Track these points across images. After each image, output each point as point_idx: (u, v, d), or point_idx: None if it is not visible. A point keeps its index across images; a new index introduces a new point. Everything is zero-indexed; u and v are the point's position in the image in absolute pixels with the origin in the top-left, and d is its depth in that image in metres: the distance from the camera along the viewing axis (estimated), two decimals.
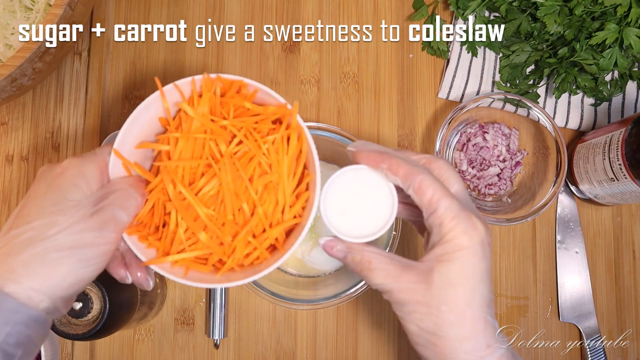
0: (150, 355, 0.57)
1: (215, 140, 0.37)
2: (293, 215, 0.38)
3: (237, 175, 0.37)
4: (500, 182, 0.58)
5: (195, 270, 0.38)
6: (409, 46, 0.61)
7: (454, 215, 0.35)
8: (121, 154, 0.37)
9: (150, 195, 0.37)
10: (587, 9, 0.54)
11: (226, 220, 0.37)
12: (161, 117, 0.39)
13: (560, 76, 0.56)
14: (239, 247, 0.37)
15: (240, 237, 0.37)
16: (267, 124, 0.38)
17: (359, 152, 0.38)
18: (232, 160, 0.37)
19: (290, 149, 0.38)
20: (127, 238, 0.37)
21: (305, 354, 0.57)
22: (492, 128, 0.59)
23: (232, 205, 0.37)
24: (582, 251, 0.59)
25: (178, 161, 0.37)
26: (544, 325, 0.58)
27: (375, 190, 0.38)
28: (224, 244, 0.38)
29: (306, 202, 0.39)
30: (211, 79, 0.38)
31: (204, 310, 0.58)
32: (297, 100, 0.61)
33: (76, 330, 0.46)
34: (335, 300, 0.50)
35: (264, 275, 0.37)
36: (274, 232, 0.38)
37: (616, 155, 0.50)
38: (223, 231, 0.37)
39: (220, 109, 0.38)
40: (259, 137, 0.37)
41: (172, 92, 0.38)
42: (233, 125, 0.37)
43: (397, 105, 0.61)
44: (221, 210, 0.37)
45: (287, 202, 0.38)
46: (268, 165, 0.38)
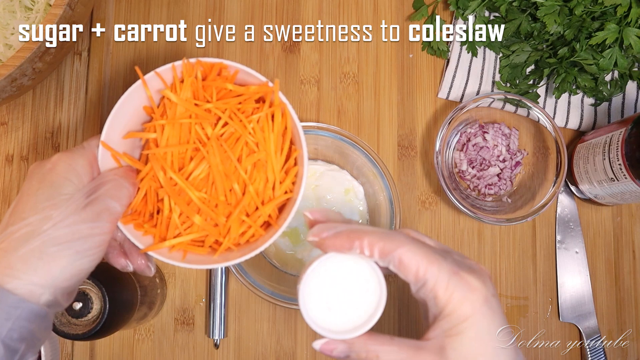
0: (150, 355, 0.57)
1: (201, 123, 0.38)
2: (284, 191, 0.39)
3: (226, 157, 0.38)
4: (500, 182, 0.58)
5: (193, 253, 0.38)
6: (409, 46, 0.61)
7: (446, 285, 0.32)
8: (109, 146, 0.38)
9: (142, 183, 0.38)
10: (587, 9, 0.54)
11: (219, 202, 0.38)
12: (146, 105, 0.39)
13: (560, 76, 0.56)
14: (233, 227, 0.38)
15: (233, 217, 0.38)
16: (250, 104, 0.39)
17: (323, 240, 0.34)
18: (219, 142, 0.37)
19: (275, 126, 0.38)
20: (123, 227, 0.37)
21: (305, 354, 0.57)
22: (492, 128, 0.59)
23: (223, 186, 0.38)
24: (582, 251, 0.59)
25: (166, 148, 0.37)
26: (544, 325, 0.58)
27: (358, 274, 0.34)
28: (218, 225, 0.38)
29: (295, 176, 0.39)
30: (191, 63, 0.38)
31: (204, 310, 0.58)
32: (297, 100, 0.61)
33: (76, 330, 0.46)
34: None
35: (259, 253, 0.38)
36: (266, 209, 0.38)
37: (616, 155, 0.50)
38: (217, 212, 0.38)
39: (204, 92, 0.39)
40: (243, 118, 0.38)
41: (153, 80, 0.38)
42: (217, 108, 0.38)
43: (397, 105, 0.61)
44: (213, 192, 0.38)
45: (276, 179, 0.39)
46: (255, 144, 0.38)
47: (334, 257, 0.34)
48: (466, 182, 0.59)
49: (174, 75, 0.38)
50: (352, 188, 0.56)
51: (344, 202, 0.56)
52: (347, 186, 0.56)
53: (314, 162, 0.58)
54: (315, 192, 0.56)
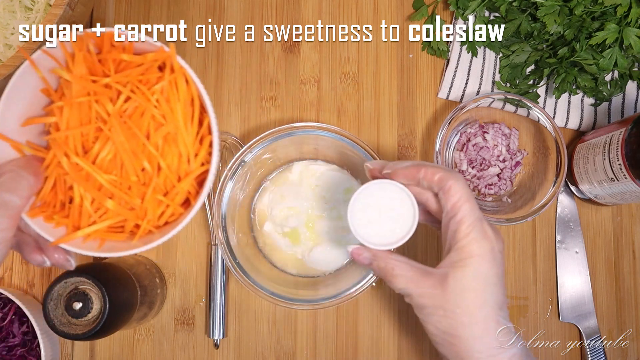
0: (150, 355, 0.57)
1: (100, 100, 0.35)
2: (200, 163, 0.37)
3: (131, 134, 0.35)
4: (500, 182, 0.58)
5: (113, 241, 0.37)
6: (409, 46, 0.61)
7: (470, 223, 0.38)
8: (5, 136, 0.35)
9: (48, 171, 0.36)
10: (587, 9, 0.54)
11: (131, 183, 0.36)
12: (43, 88, 0.37)
13: (560, 76, 0.56)
14: (150, 208, 0.36)
15: (148, 198, 0.36)
16: (153, 73, 0.36)
17: (396, 170, 0.41)
18: (123, 119, 0.35)
19: (181, 94, 0.36)
20: (30, 220, 0.35)
21: (305, 354, 0.57)
22: (492, 128, 0.59)
23: (133, 166, 0.35)
24: (582, 251, 0.59)
25: (66, 131, 0.35)
26: (544, 325, 0.58)
27: (398, 203, 0.42)
28: (135, 208, 0.36)
29: (210, 146, 0.37)
30: (80, 36, 0.35)
31: (204, 310, 0.58)
32: (297, 100, 0.61)
33: (76, 330, 0.46)
34: (335, 300, 0.50)
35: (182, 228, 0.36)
36: (183, 185, 0.36)
37: (616, 155, 0.50)
38: (130, 195, 0.36)
39: (101, 67, 0.36)
40: (146, 90, 0.35)
41: (44, 59, 0.36)
42: (117, 82, 0.35)
43: (397, 105, 0.61)
44: (124, 173, 0.36)
45: (190, 152, 0.36)
46: (162, 116, 0.35)
47: (381, 184, 0.42)
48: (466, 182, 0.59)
49: (64, 52, 0.36)
50: (352, 188, 0.56)
51: (344, 202, 0.56)
52: (347, 186, 0.56)
53: (314, 162, 0.58)
54: (315, 192, 0.56)
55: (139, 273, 0.53)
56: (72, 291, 0.47)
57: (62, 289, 0.47)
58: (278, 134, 0.52)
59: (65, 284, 0.47)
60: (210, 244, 0.58)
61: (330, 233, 0.55)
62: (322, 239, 0.55)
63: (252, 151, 0.52)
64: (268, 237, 0.56)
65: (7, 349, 0.53)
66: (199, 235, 0.59)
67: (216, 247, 0.57)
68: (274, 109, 0.61)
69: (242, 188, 0.54)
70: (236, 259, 0.51)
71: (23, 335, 0.54)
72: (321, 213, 0.55)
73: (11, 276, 0.58)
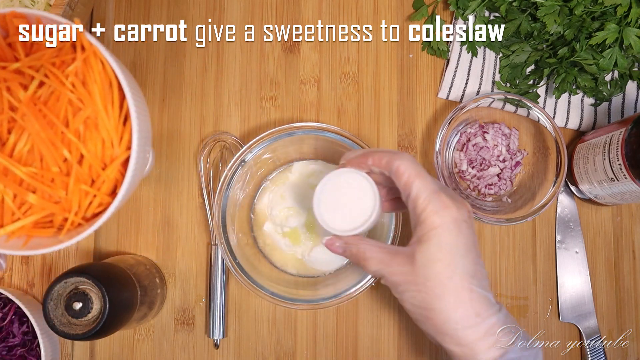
0: (150, 355, 0.57)
1: (11, 87, 0.33)
2: (125, 147, 0.34)
3: (48, 121, 0.33)
4: (500, 182, 0.58)
5: (40, 237, 0.35)
6: (409, 46, 0.61)
7: (425, 197, 0.39)
8: None
9: None
10: (587, 9, 0.54)
11: (54, 175, 0.33)
12: None
13: (560, 76, 0.56)
14: (75, 200, 0.34)
15: (71, 189, 0.33)
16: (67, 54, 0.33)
17: (348, 161, 0.43)
18: (38, 106, 0.32)
19: (96, 75, 0.33)
20: None
21: (305, 354, 0.57)
22: (492, 128, 0.59)
23: (53, 156, 0.33)
24: (582, 251, 0.59)
25: None
26: (544, 325, 0.58)
27: (359, 188, 0.43)
28: (60, 201, 0.34)
29: None
30: None
31: (204, 310, 0.58)
32: (297, 100, 0.61)
33: (76, 330, 0.46)
34: (335, 300, 0.50)
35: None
36: (109, 172, 0.34)
37: (616, 155, 0.50)
38: (54, 187, 0.33)
39: (11, 51, 0.34)
40: (59, 73, 0.33)
41: None
42: (29, 67, 0.33)
43: (397, 105, 0.61)
44: (44, 165, 0.33)
45: (113, 136, 0.34)
46: (79, 100, 0.33)
47: (342, 173, 0.43)
48: (466, 182, 0.59)
49: None
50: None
51: None
52: None
53: (314, 162, 0.58)
54: None
55: (139, 273, 0.53)
56: (72, 291, 0.47)
57: (62, 289, 0.47)
58: (278, 134, 0.52)
59: (65, 284, 0.47)
60: (210, 244, 0.58)
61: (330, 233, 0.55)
62: (322, 239, 0.55)
63: (252, 151, 0.52)
64: (268, 237, 0.56)
65: (7, 349, 0.53)
66: (199, 235, 0.59)
67: (216, 247, 0.57)
68: (274, 109, 0.61)
69: (242, 188, 0.54)
70: (236, 259, 0.51)
71: (23, 335, 0.54)
72: None
73: (11, 276, 0.58)
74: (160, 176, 0.60)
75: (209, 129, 0.60)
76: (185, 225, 0.59)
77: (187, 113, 0.60)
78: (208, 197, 0.58)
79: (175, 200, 0.59)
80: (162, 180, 0.59)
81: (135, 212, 0.59)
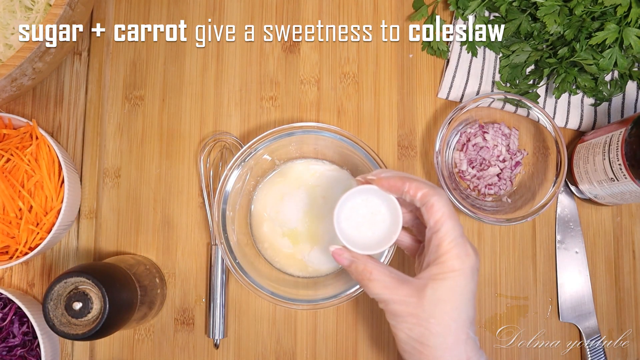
0: (150, 355, 0.57)
1: None
2: (61, 201, 0.53)
3: (10, 183, 0.53)
4: (500, 182, 0.58)
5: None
6: (409, 46, 0.61)
7: (452, 240, 0.40)
8: None
9: None
10: (587, 9, 0.54)
11: (11, 219, 0.53)
12: None
13: (560, 76, 0.56)
14: (23, 236, 0.53)
15: (22, 228, 0.53)
16: (27, 141, 0.54)
17: (380, 179, 0.43)
18: (5, 174, 0.52)
19: (44, 154, 0.53)
20: None
21: (305, 354, 0.57)
22: (492, 128, 0.59)
23: (12, 206, 0.53)
24: (582, 251, 0.59)
25: None
26: (544, 325, 0.58)
27: (389, 213, 0.43)
28: (15, 237, 0.53)
29: None
30: None
31: (204, 310, 0.58)
32: (297, 100, 0.61)
33: (76, 330, 0.46)
34: (335, 300, 0.50)
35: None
36: (48, 217, 0.53)
37: (616, 155, 0.50)
38: (11, 227, 0.53)
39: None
40: (20, 153, 0.53)
41: None
42: (1, 149, 0.53)
43: (397, 105, 0.61)
44: (5, 212, 0.52)
45: (53, 194, 0.53)
46: (32, 170, 0.53)
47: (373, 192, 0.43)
48: (466, 182, 0.59)
49: None
50: (351, 188, 0.56)
51: None
52: (346, 186, 0.56)
53: (314, 162, 0.58)
54: (315, 192, 0.56)
55: (139, 273, 0.53)
56: (72, 291, 0.47)
57: (62, 289, 0.47)
58: (278, 134, 0.52)
59: (65, 284, 0.47)
60: (210, 244, 0.58)
61: (330, 233, 0.55)
62: (322, 239, 0.55)
63: (252, 151, 0.52)
64: (268, 237, 0.56)
65: (7, 349, 0.53)
66: (199, 235, 0.59)
67: (216, 247, 0.57)
68: (274, 109, 0.61)
69: (242, 188, 0.54)
70: (236, 259, 0.51)
71: (23, 336, 0.54)
72: (321, 213, 0.55)
73: (11, 276, 0.58)
74: (160, 176, 0.60)
75: (209, 129, 0.60)
76: (185, 225, 0.59)
77: (187, 113, 0.60)
78: (208, 197, 0.58)
79: (175, 200, 0.59)
80: (162, 180, 0.59)
81: (135, 212, 0.59)
